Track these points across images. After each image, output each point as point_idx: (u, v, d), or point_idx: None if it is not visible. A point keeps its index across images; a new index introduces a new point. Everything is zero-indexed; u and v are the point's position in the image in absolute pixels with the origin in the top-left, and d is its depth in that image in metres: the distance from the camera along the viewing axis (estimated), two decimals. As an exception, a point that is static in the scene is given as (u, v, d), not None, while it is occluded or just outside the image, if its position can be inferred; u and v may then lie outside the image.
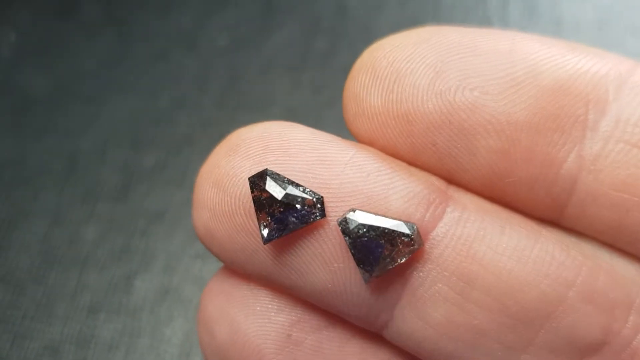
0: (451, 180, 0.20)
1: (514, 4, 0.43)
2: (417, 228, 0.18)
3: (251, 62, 0.43)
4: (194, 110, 0.41)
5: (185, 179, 0.39)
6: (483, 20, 0.43)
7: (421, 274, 0.19)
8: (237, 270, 0.21)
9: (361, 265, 0.18)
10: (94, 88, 0.43)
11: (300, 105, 0.41)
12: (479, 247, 0.19)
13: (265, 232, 0.19)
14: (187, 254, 0.36)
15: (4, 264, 0.36)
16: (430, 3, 0.44)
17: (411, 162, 0.20)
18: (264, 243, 0.19)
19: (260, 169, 0.19)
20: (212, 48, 0.44)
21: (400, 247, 0.18)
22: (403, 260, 0.18)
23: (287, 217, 0.19)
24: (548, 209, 0.19)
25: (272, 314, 0.20)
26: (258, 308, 0.21)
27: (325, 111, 0.41)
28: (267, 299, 0.21)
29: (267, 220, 0.19)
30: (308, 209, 0.18)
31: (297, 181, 0.19)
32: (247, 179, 0.19)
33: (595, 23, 0.41)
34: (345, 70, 0.42)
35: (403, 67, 0.19)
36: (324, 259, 0.19)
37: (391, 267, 0.18)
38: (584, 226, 0.19)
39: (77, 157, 0.40)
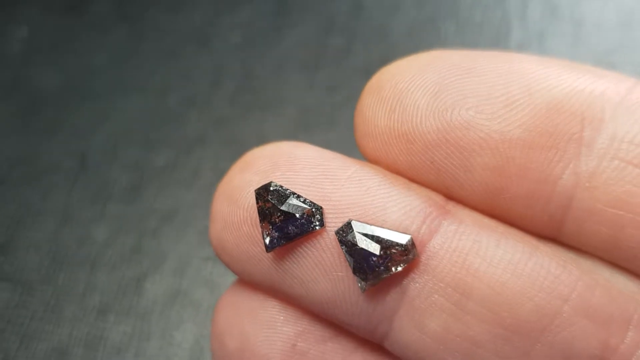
0: (450, 196, 0.21)
1: (534, 4, 0.43)
2: (411, 239, 0.19)
3: (264, 60, 0.44)
4: (206, 109, 0.42)
5: (197, 179, 0.39)
6: (502, 20, 0.43)
7: (418, 284, 0.20)
8: (246, 279, 0.22)
9: (356, 274, 0.20)
10: (105, 86, 0.44)
11: (314, 104, 0.41)
12: (474, 260, 0.20)
13: (267, 240, 0.20)
14: (198, 256, 0.36)
15: (12, 263, 0.37)
16: (448, 3, 0.45)
17: (412, 179, 0.21)
18: (267, 251, 0.20)
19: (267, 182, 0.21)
20: (224, 46, 0.45)
21: (394, 256, 0.19)
22: (398, 270, 0.20)
23: (287, 225, 0.20)
24: (545, 225, 0.20)
25: (279, 324, 0.22)
26: (265, 318, 0.22)
27: (339, 111, 0.41)
28: (275, 309, 0.22)
29: (269, 229, 0.20)
30: (307, 219, 0.20)
31: (300, 194, 0.20)
32: (254, 191, 0.21)
33: (617, 24, 0.42)
34: (360, 70, 0.43)
35: (405, 88, 0.20)
36: (324, 268, 0.20)
37: (386, 275, 0.20)
38: (581, 242, 0.20)
39: (88, 155, 0.41)
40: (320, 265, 0.20)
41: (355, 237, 0.19)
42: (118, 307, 0.35)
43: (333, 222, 0.20)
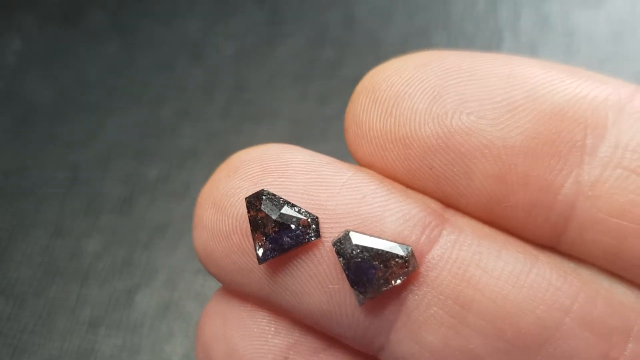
0: (449, 203, 0.20)
1: (526, 15, 0.43)
2: (411, 250, 0.19)
3: (257, 72, 0.44)
4: (199, 121, 0.42)
5: (189, 192, 0.39)
6: (494, 31, 0.43)
7: (416, 296, 0.19)
8: (235, 289, 0.21)
9: (355, 287, 0.19)
10: (98, 97, 0.44)
11: (306, 116, 0.41)
12: (475, 271, 0.19)
13: (260, 252, 0.19)
14: (189, 269, 0.36)
15: (4, 275, 0.37)
16: (440, 14, 0.44)
17: (409, 186, 0.20)
18: (259, 263, 0.19)
19: (258, 189, 0.20)
20: (217, 57, 0.45)
21: (394, 268, 0.19)
22: (397, 282, 0.19)
23: (281, 237, 0.19)
24: (546, 234, 0.20)
25: (269, 336, 0.21)
26: (255, 330, 0.21)
27: (331, 122, 0.41)
28: (265, 320, 0.21)
29: (262, 240, 0.19)
30: (303, 229, 0.19)
31: (293, 202, 0.19)
32: (244, 199, 0.20)
33: (608, 35, 0.42)
34: (352, 81, 0.42)
35: (402, 90, 0.20)
36: (319, 280, 0.20)
37: (385, 288, 0.19)
38: (582, 252, 0.20)
39: (80, 168, 0.41)
40: (315, 277, 0.20)
41: (353, 249, 0.19)
42: (109, 320, 0.35)
43: (329, 232, 0.19)
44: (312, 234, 0.19)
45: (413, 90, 0.19)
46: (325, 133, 0.41)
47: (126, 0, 0.48)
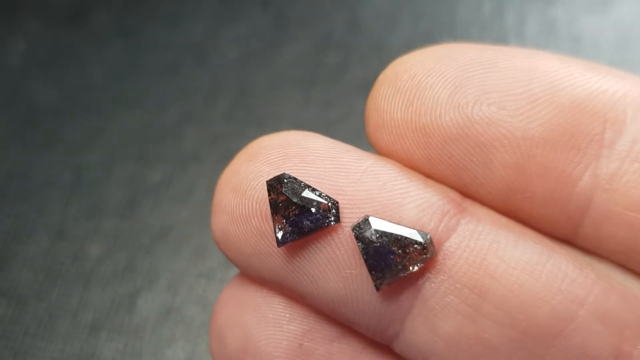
0: (467, 193, 0.20)
1: (532, 20, 0.43)
2: (430, 237, 0.19)
3: (261, 76, 0.44)
4: (202, 125, 0.42)
5: (191, 196, 0.39)
6: (499, 36, 0.43)
7: (433, 284, 0.19)
8: (252, 275, 0.22)
9: (373, 272, 0.19)
10: (102, 100, 0.44)
11: (310, 120, 0.42)
12: (492, 260, 0.19)
13: (279, 234, 0.20)
14: (191, 273, 0.36)
15: (6, 278, 0.37)
16: (445, 19, 0.45)
17: (428, 175, 0.20)
18: (278, 246, 0.20)
19: (279, 174, 0.20)
20: (222, 61, 0.45)
21: (412, 254, 0.19)
22: (415, 269, 0.19)
23: (301, 220, 0.19)
24: (562, 226, 0.20)
25: (285, 322, 0.21)
26: (271, 316, 0.21)
27: (335, 127, 0.41)
28: (280, 307, 0.21)
29: (282, 223, 0.19)
30: (323, 213, 0.19)
31: (313, 187, 0.20)
32: (264, 183, 0.20)
33: (614, 41, 0.42)
34: (356, 86, 0.43)
35: (423, 80, 0.20)
36: (337, 265, 0.20)
37: (403, 274, 0.19)
38: (597, 245, 0.20)
39: (83, 171, 0.41)
40: (333, 262, 0.20)
41: (372, 234, 0.19)
42: (110, 324, 0.35)
43: (348, 218, 0.20)
44: (332, 218, 0.19)
45: (435, 80, 0.20)
46: (329, 137, 0.41)
47: (131, 3, 0.48)
